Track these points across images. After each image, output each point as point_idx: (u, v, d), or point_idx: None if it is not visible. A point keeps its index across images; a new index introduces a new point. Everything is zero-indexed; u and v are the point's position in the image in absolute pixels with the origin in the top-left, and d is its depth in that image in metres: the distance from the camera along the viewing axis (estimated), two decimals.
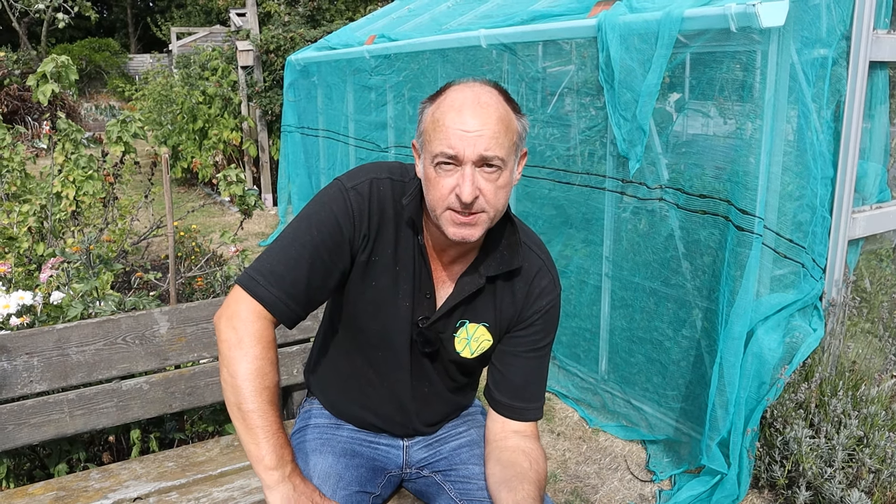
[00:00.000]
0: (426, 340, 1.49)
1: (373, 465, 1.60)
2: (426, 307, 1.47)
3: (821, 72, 2.56)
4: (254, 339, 1.33)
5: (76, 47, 23.04)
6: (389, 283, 1.45)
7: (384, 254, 1.43)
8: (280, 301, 1.36)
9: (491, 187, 1.29)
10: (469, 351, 1.52)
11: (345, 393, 1.63)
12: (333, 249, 1.38)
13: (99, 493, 1.83)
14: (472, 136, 1.26)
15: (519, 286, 1.48)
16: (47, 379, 1.87)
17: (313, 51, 6.14)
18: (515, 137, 1.32)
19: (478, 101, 1.28)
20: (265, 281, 1.36)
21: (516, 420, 1.52)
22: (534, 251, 1.50)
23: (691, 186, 2.75)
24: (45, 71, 3.19)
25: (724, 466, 2.56)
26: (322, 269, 1.38)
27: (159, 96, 9.36)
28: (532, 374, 1.53)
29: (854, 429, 2.43)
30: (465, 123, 1.26)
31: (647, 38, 2.72)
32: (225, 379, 1.34)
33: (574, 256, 3.41)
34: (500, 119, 1.28)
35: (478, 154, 1.26)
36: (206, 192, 8.99)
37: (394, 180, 1.44)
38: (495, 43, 3.58)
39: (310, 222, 1.39)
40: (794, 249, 2.62)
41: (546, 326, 1.51)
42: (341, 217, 1.38)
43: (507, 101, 1.33)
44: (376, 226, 1.41)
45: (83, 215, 3.91)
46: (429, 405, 1.61)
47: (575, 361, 3.48)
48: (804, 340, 2.60)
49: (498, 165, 1.28)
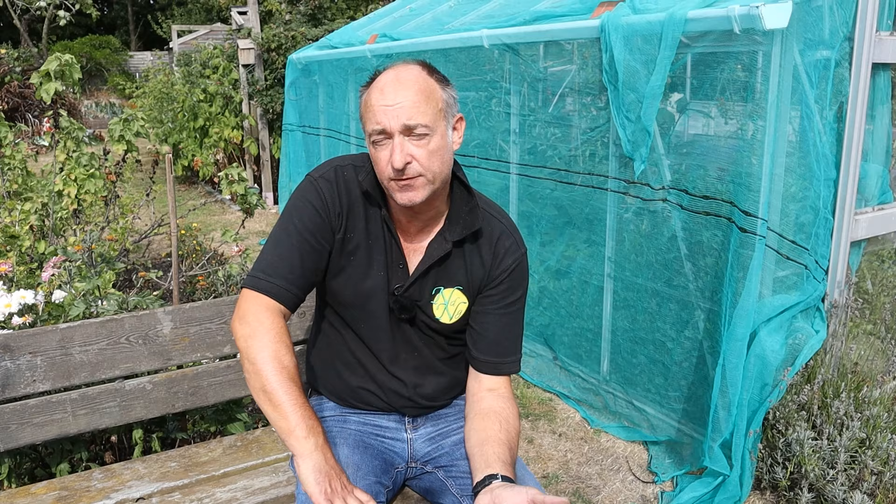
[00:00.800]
0: (402, 307, 1.59)
1: (383, 458, 1.64)
2: (400, 276, 1.59)
3: (823, 73, 2.56)
4: (265, 328, 1.45)
5: (77, 44, 23.01)
6: (364, 256, 1.58)
7: (356, 230, 1.57)
8: (281, 288, 1.50)
9: (422, 152, 1.42)
10: (448, 316, 1.62)
11: (342, 372, 1.69)
12: (316, 232, 1.53)
13: (101, 492, 1.83)
14: (394, 109, 1.40)
15: (485, 249, 1.60)
16: (50, 378, 1.87)
17: (315, 49, 6.14)
18: (441, 104, 1.45)
19: (397, 79, 1.43)
20: (264, 275, 1.51)
21: (494, 375, 1.62)
22: (495, 217, 1.62)
23: (694, 187, 2.75)
24: (48, 69, 3.18)
25: (726, 468, 2.57)
26: (312, 251, 1.53)
27: (160, 94, 9.36)
28: (505, 330, 1.63)
29: (856, 430, 2.43)
30: (387, 98, 1.41)
31: (651, 40, 2.71)
32: (247, 369, 1.45)
33: (577, 257, 3.41)
34: (419, 90, 1.42)
35: (401, 123, 1.40)
36: (207, 190, 8.99)
37: (356, 166, 1.59)
38: (497, 43, 3.57)
39: (290, 216, 1.55)
40: (796, 251, 2.62)
41: (513, 284, 1.62)
42: (316, 203, 1.54)
43: (431, 74, 1.47)
44: (346, 205, 1.55)
45: (85, 213, 3.90)
46: (422, 376, 1.68)
47: (577, 362, 3.48)
48: (807, 342, 2.60)
49: (424, 132, 1.41)
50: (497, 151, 3.87)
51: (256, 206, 4.17)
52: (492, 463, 1.43)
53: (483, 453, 1.47)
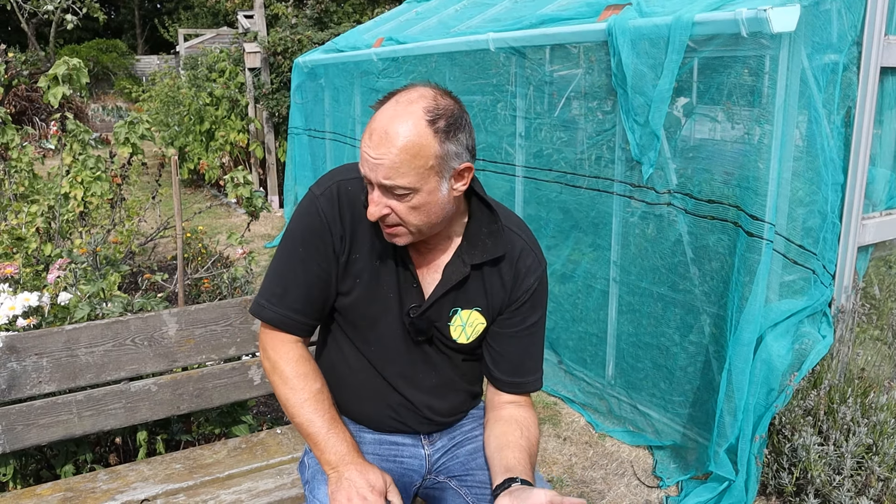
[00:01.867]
0: (418, 329, 1.53)
1: (399, 484, 1.58)
2: (414, 297, 1.52)
3: (831, 77, 2.56)
4: (281, 361, 1.50)
5: (84, 48, 23.12)
6: (372, 278, 1.51)
7: (362, 250, 1.50)
8: (287, 318, 1.49)
9: (402, 207, 1.35)
10: (465, 337, 1.56)
11: (353, 395, 1.64)
12: (320, 257, 1.48)
13: (107, 494, 1.83)
14: (375, 164, 1.31)
15: (505, 269, 1.53)
16: (56, 380, 1.87)
17: (321, 53, 6.15)
18: (432, 161, 1.31)
19: (386, 129, 1.30)
20: (269, 304, 1.50)
21: (517, 394, 1.59)
22: (515, 232, 1.54)
23: (700, 191, 2.74)
24: (56, 73, 3.19)
25: (731, 473, 2.55)
26: (317, 277, 1.49)
27: (166, 98, 9.39)
28: (528, 350, 1.59)
29: (863, 436, 2.42)
30: (371, 150, 1.31)
31: (658, 43, 2.71)
32: (279, 400, 1.51)
33: (582, 261, 3.40)
34: (405, 149, 1.29)
35: (379, 182, 1.32)
36: (212, 193, 9.01)
37: (361, 179, 1.46)
38: (504, 46, 3.57)
39: (293, 238, 1.49)
40: (804, 255, 2.61)
41: (535, 303, 1.57)
42: (318, 226, 1.47)
43: (432, 124, 1.31)
44: (350, 225, 1.48)
45: (91, 216, 3.91)
46: (439, 395, 1.63)
47: (581, 366, 3.47)
48: (813, 347, 2.59)
49: (403, 193, 1.33)
50: (503, 155, 3.87)
51: (262, 210, 4.17)
52: (512, 467, 1.42)
53: (503, 458, 1.46)
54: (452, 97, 1.37)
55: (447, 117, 1.33)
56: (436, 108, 1.32)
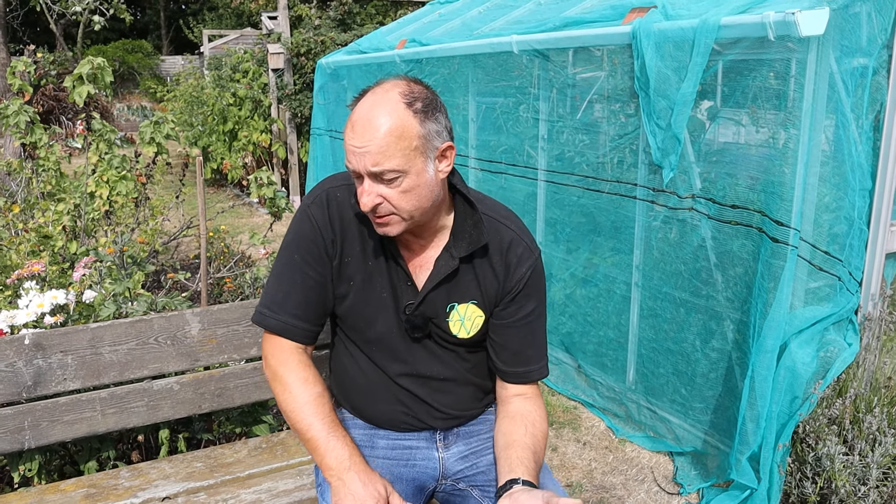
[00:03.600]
0: (415, 326, 1.55)
1: (412, 487, 1.60)
2: (409, 294, 1.54)
3: (860, 81, 2.52)
4: (281, 368, 1.51)
5: (110, 48, 23.44)
6: (365, 279, 1.54)
7: (354, 253, 1.53)
8: (288, 325, 1.52)
9: (393, 193, 1.37)
10: (465, 331, 1.57)
11: (366, 397, 1.65)
12: (315, 263, 1.51)
13: (129, 491, 1.85)
14: (361, 152, 1.34)
15: (496, 259, 1.55)
16: (80, 377, 1.89)
17: (344, 54, 6.18)
18: (416, 142, 1.36)
19: (367, 118, 1.34)
20: (270, 312, 1.53)
21: (522, 384, 1.61)
22: (502, 223, 1.56)
23: (724, 196, 2.72)
24: (81, 73, 3.24)
25: (753, 481, 2.52)
26: (315, 283, 1.52)
27: (190, 98, 9.48)
28: (528, 340, 1.59)
29: (889, 446, 2.38)
30: (355, 140, 1.35)
31: (683, 46, 2.69)
32: (283, 410, 1.51)
33: (602, 265, 3.38)
34: (389, 132, 1.33)
35: (366, 169, 1.35)
36: (235, 193, 9.08)
37: (349, 185, 1.52)
38: (527, 49, 3.56)
39: (289, 248, 1.53)
40: (829, 262, 2.57)
41: (530, 291, 1.57)
42: (310, 232, 1.51)
43: (410, 105, 1.36)
44: (339, 230, 1.52)
45: (116, 215, 3.96)
46: (448, 389, 1.64)
47: (601, 370, 3.45)
48: (839, 355, 2.55)
49: (393, 176, 1.35)
50: (525, 157, 3.86)
51: (284, 210, 4.20)
52: (514, 467, 1.43)
53: (507, 457, 1.47)
54: (423, 84, 1.43)
55: (422, 99, 1.38)
56: (410, 93, 1.38)
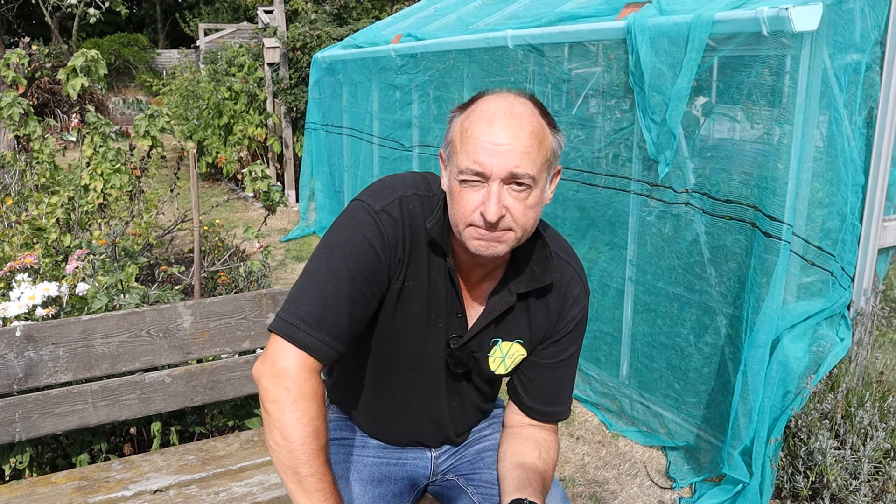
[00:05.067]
0: (458, 361, 1.45)
1: (401, 486, 1.58)
2: (457, 327, 1.43)
3: (853, 77, 2.52)
4: (308, 399, 1.24)
5: (106, 42, 23.32)
6: (423, 307, 1.39)
7: (417, 278, 1.37)
8: (325, 344, 1.26)
9: (520, 206, 1.22)
10: (504, 368, 1.49)
11: (374, 417, 1.60)
12: (371, 279, 1.30)
13: (120, 483, 1.85)
14: (503, 150, 1.18)
15: (553, 299, 1.44)
16: (72, 369, 1.89)
17: (339, 49, 6.16)
18: (549, 154, 1.24)
19: (510, 112, 1.21)
20: (306, 325, 1.25)
21: (545, 423, 1.52)
22: (563, 259, 1.44)
23: (718, 191, 2.72)
24: (75, 65, 3.22)
25: (746, 475, 2.53)
26: (363, 301, 1.30)
27: (186, 91, 9.46)
28: (562, 380, 1.52)
29: (881, 441, 2.39)
30: (495, 136, 1.19)
31: (677, 41, 2.69)
32: (278, 442, 1.24)
33: (598, 259, 3.38)
34: (532, 133, 1.20)
35: (507, 171, 1.19)
36: (230, 187, 9.06)
37: (420, 196, 1.37)
38: (522, 44, 3.56)
39: (343, 252, 1.29)
40: (822, 257, 2.58)
41: (576, 334, 1.49)
42: (377, 244, 1.30)
43: (543, 115, 1.25)
44: (409, 250, 1.34)
45: (110, 208, 3.95)
46: (460, 418, 1.59)
47: (595, 365, 3.46)
48: (831, 350, 2.56)
49: (528, 184, 1.21)
50: None
51: (279, 204, 4.20)
52: (522, 487, 1.36)
53: (515, 476, 1.40)
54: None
55: (550, 113, 1.28)
56: (538, 102, 1.27)
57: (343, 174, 6.34)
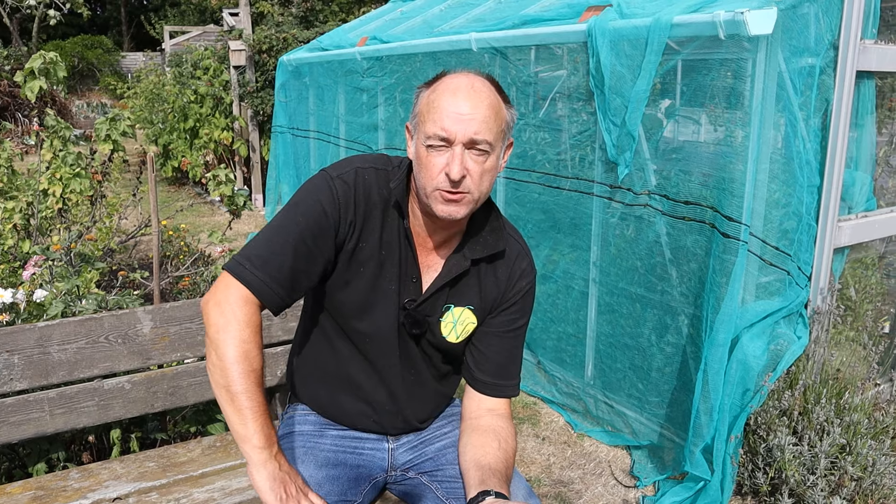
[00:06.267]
0: (414, 322, 1.53)
1: (356, 472, 1.60)
2: (412, 290, 1.52)
3: (808, 80, 2.58)
4: (242, 323, 1.37)
5: (68, 44, 22.93)
6: (376, 269, 1.50)
7: (370, 240, 1.49)
8: (265, 285, 1.40)
9: (478, 169, 1.37)
10: (455, 335, 1.57)
11: (333, 387, 1.63)
12: (318, 236, 1.43)
13: (78, 492, 1.82)
14: (465, 118, 1.34)
15: (501, 269, 1.56)
16: (28, 377, 1.85)
17: (305, 52, 6.13)
18: (503, 125, 1.40)
19: (472, 87, 1.37)
20: (251, 265, 1.40)
21: (495, 397, 1.59)
22: (512, 236, 1.59)
23: (677, 193, 2.76)
24: (33, 67, 3.17)
25: (707, 473, 2.57)
26: (306, 254, 1.43)
27: (151, 95, 9.33)
28: (511, 353, 1.60)
29: (837, 436, 2.44)
30: (459, 106, 1.34)
31: (637, 44, 2.72)
32: (213, 362, 1.37)
33: (561, 261, 3.41)
34: (490, 105, 1.37)
35: (468, 136, 1.34)
36: (196, 191, 8.96)
37: (377, 169, 1.51)
38: (486, 46, 3.58)
39: (296, 210, 1.44)
40: (779, 257, 2.63)
41: (524, 307, 1.59)
42: (327, 205, 1.44)
43: (499, 92, 1.42)
44: (362, 214, 1.47)
45: (70, 213, 3.89)
46: (416, 395, 1.63)
47: (560, 366, 3.48)
48: (789, 348, 2.61)
49: (486, 150, 1.36)
50: None
51: (244, 208, 4.16)
52: (487, 479, 1.41)
53: (479, 469, 1.44)
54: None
55: (503, 90, 1.44)
56: (494, 80, 1.44)
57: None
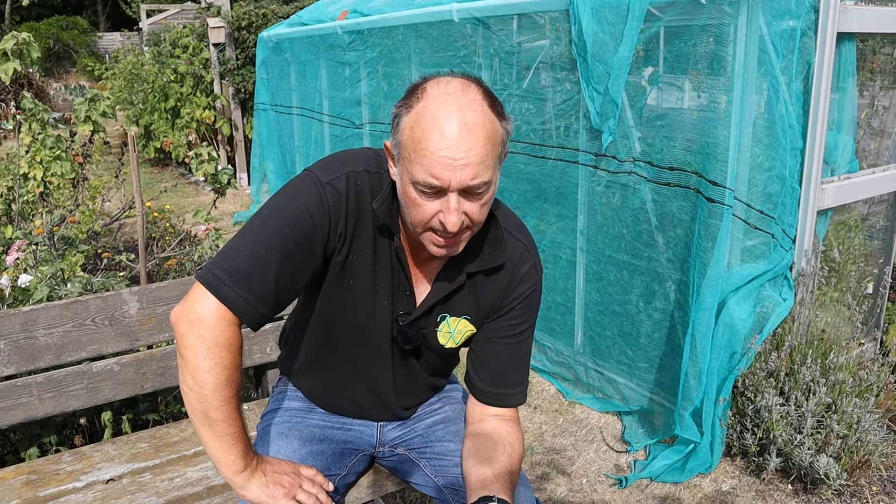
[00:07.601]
0: (407, 338, 1.46)
1: (342, 447, 1.58)
2: (405, 304, 1.43)
3: (790, 43, 2.57)
4: (223, 348, 1.26)
5: (43, 25, 22.52)
6: (368, 283, 1.39)
7: (362, 253, 1.37)
8: (247, 303, 1.26)
9: (475, 207, 1.23)
10: (453, 342, 1.49)
11: (322, 385, 1.61)
12: (306, 248, 1.30)
13: (71, 475, 1.82)
14: (459, 165, 1.16)
15: (501, 276, 1.44)
16: (14, 362, 1.84)
17: (285, 27, 6.05)
18: (500, 149, 1.23)
19: (464, 121, 1.16)
20: (231, 281, 1.25)
21: (498, 406, 1.50)
22: (514, 236, 1.44)
23: (661, 159, 2.76)
24: (5, 48, 3.11)
25: (696, 435, 2.60)
26: (292, 268, 1.29)
27: (130, 75, 9.19)
28: (512, 360, 1.49)
29: (823, 396, 2.48)
30: (451, 150, 1.16)
31: (619, 11, 2.70)
32: (190, 387, 1.26)
33: (548, 231, 3.42)
34: (487, 138, 1.18)
35: (465, 184, 1.18)
36: (179, 172, 8.88)
37: (370, 172, 1.35)
38: (468, 17, 3.54)
39: (281, 218, 1.29)
40: (764, 220, 2.65)
41: (526, 311, 1.47)
42: (316, 215, 1.29)
43: (492, 106, 1.22)
44: (353, 225, 1.34)
45: (52, 196, 3.84)
46: (408, 392, 1.60)
47: (550, 335, 3.50)
48: (774, 310, 2.63)
49: (483, 190, 1.22)
50: None
51: (228, 186, 4.12)
52: (489, 485, 1.33)
53: (481, 473, 1.37)
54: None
55: (496, 96, 1.24)
56: (486, 90, 1.23)
57: (294, 154, 6.26)
